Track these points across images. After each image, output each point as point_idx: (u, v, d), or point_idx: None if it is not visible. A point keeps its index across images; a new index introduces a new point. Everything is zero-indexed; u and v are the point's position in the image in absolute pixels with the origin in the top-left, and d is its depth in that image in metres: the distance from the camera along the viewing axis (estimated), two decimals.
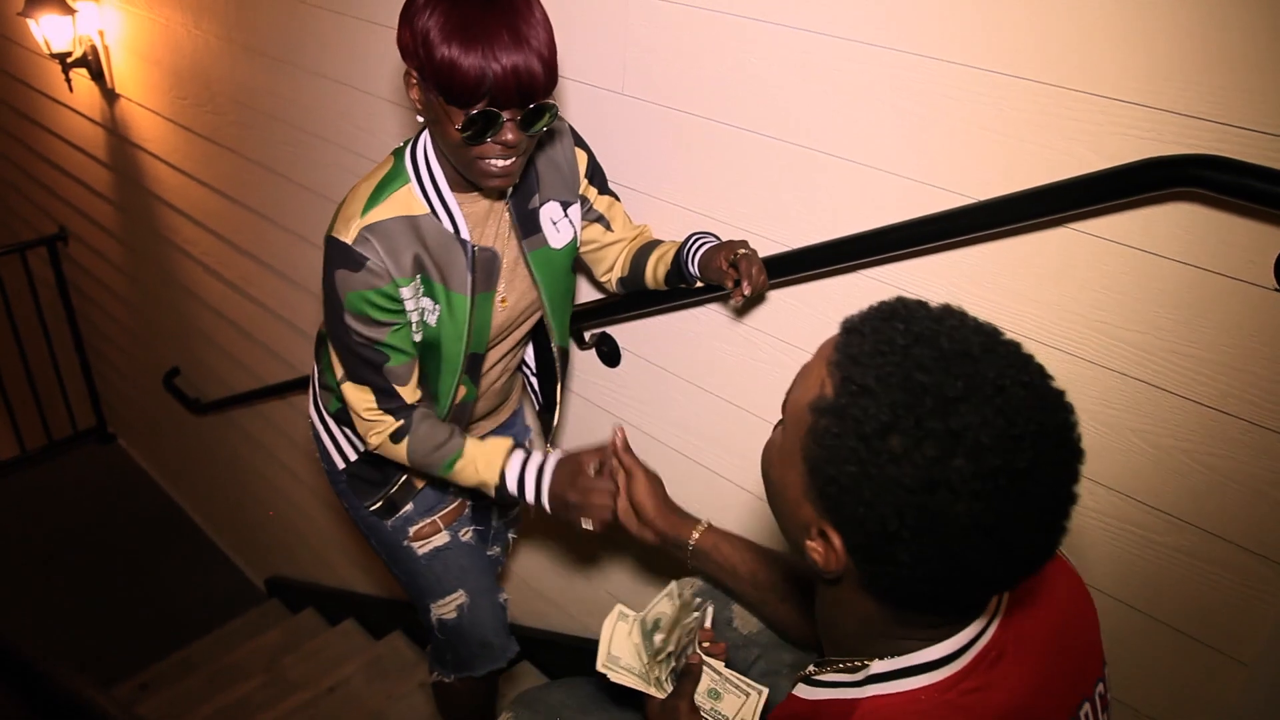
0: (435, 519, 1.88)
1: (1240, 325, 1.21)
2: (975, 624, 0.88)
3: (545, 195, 1.63)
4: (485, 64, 1.28)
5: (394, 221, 1.47)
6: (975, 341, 0.77)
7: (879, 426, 0.74)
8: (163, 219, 3.83)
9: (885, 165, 1.48)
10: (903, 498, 0.73)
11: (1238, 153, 1.13)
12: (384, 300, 1.47)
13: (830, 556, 0.83)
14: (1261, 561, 1.29)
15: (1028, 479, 0.72)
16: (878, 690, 0.88)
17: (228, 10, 2.86)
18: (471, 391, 1.71)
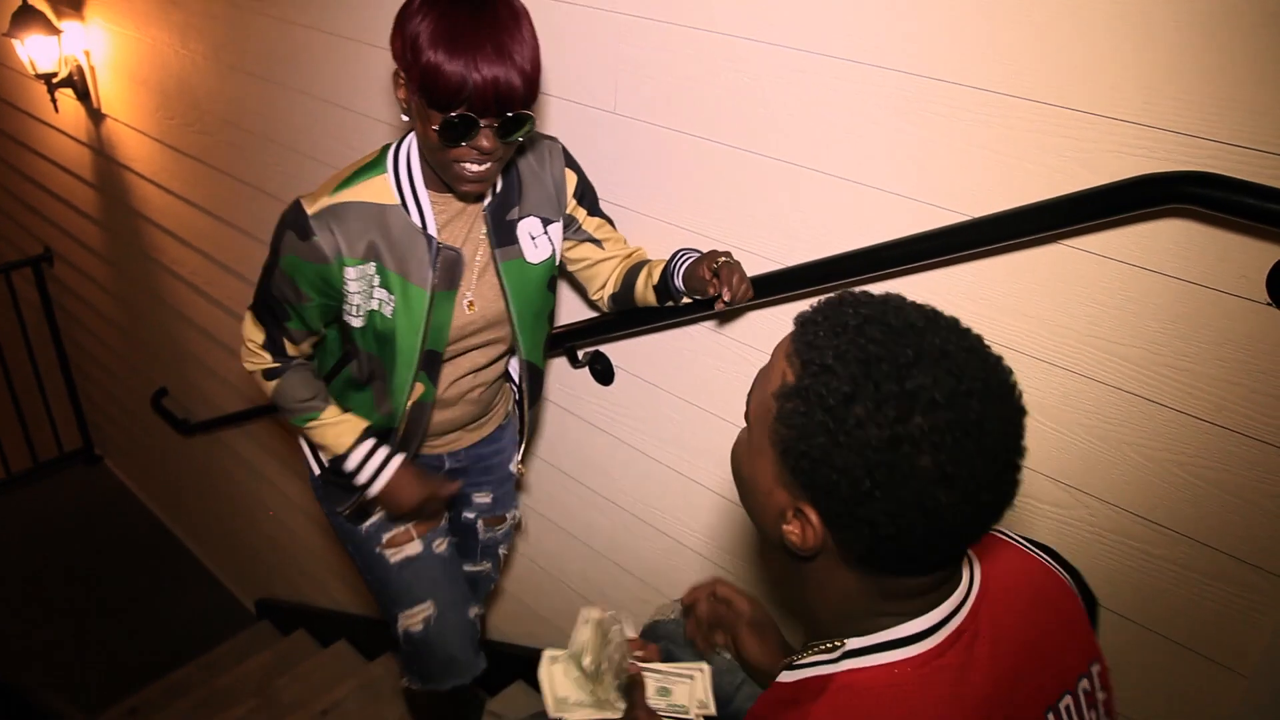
0: (409, 527, 1.89)
1: (1234, 339, 1.22)
2: (949, 602, 0.92)
3: (526, 209, 1.66)
4: (466, 72, 1.34)
5: (359, 205, 1.53)
6: (918, 316, 0.85)
7: (842, 397, 0.80)
8: (149, 239, 3.82)
9: (879, 183, 1.48)
10: (871, 457, 0.79)
11: (1230, 169, 1.14)
12: (314, 278, 1.55)
13: (808, 533, 0.87)
14: (1258, 573, 1.29)
15: (979, 429, 0.79)
16: (852, 664, 0.91)
17: (216, 30, 2.86)
18: (429, 391, 1.71)
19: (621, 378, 2.06)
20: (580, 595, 2.47)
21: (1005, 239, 1.32)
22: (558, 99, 1.91)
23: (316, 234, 1.51)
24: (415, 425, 1.74)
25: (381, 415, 1.73)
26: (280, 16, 2.56)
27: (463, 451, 1.96)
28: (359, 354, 1.68)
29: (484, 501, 2.08)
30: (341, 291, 1.57)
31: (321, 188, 1.56)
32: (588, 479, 2.27)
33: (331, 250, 1.52)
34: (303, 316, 1.63)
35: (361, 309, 1.59)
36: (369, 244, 1.54)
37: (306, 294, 1.58)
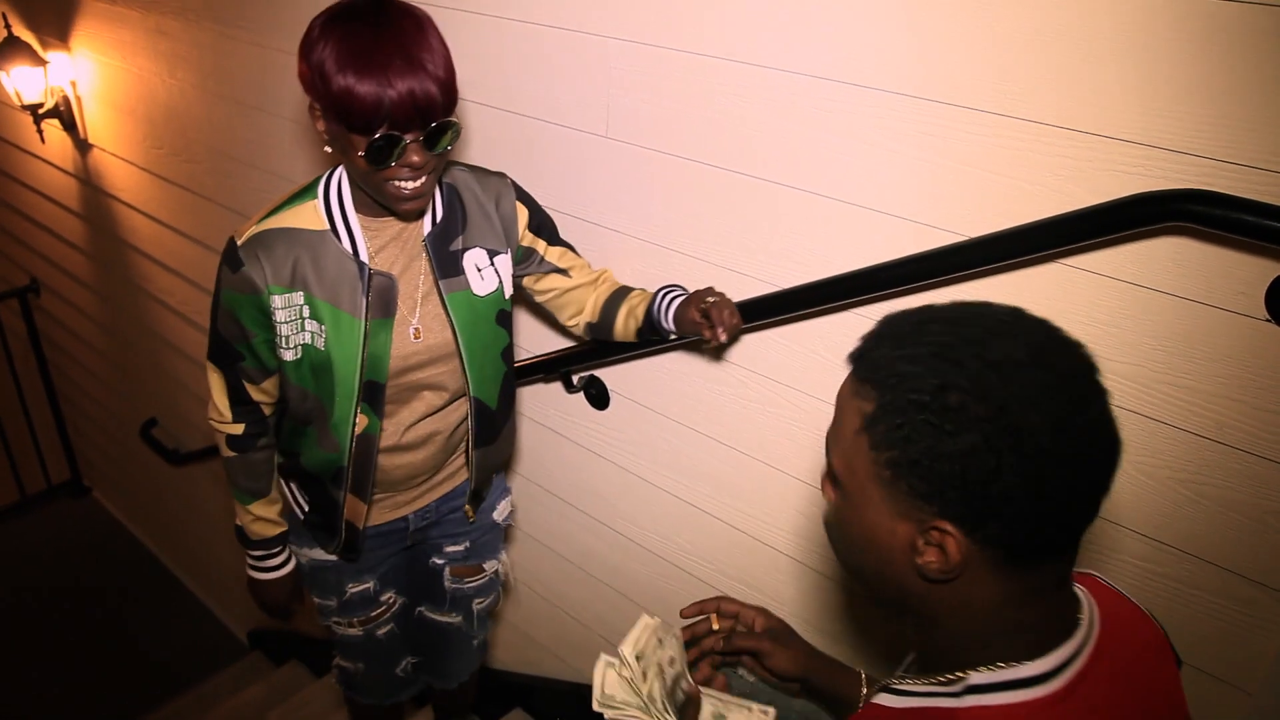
0: (354, 620, 1.97)
1: (1233, 356, 1.22)
2: (1072, 642, 0.88)
3: (470, 240, 1.63)
4: (381, 90, 1.30)
5: (285, 231, 1.51)
6: (964, 306, 0.87)
7: (933, 390, 0.80)
8: (137, 268, 3.80)
9: (874, 204, 1.48)
10: (987, 429, 0.78)
11: (1227, 187, 1.15)
12: (252, 309, 1.53)
13: (950, 547, 0.83)
14: (1263, 590, 1.29)
15: (1071, 379, 0.80)
16: (978, 701, 0.87)
17: (203, 59, 2.85)
18: (374, 424, 1.64)
19: (617, 402, 2.05)
20: (579, 622, 2.45)
21: (1003, 259, 1.32)
22: (549, 124, 1.91)
23: (245, 264, 1.49)
24: (365, 460, 1.67)
25: (327, 452, 1.66)
26: (267, 44, 2.56)
27: (431, 507, 1.88)
28: (291, 392, 1.63)
29: (455, 550, 1.98)
30: (272, 322, 1.53)
31: (251, 219, 1.54)
32: (584, 504, 2.26)
33: (260, 279, 1.49)
34: (255, 353, 1.59)
35: (292, 341, 1.55)
36: (295, 272, 1.51)
37: (250, 329, 1.55)
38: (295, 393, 1.61)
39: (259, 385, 1.65)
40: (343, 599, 1.91)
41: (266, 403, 1.69)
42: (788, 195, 1.58)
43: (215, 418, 1.71)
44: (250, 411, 1.68)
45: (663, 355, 1.89)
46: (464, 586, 2.02)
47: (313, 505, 1.79)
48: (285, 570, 1.89)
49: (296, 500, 1.82)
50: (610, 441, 2.11)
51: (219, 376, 1.66)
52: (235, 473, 1.76)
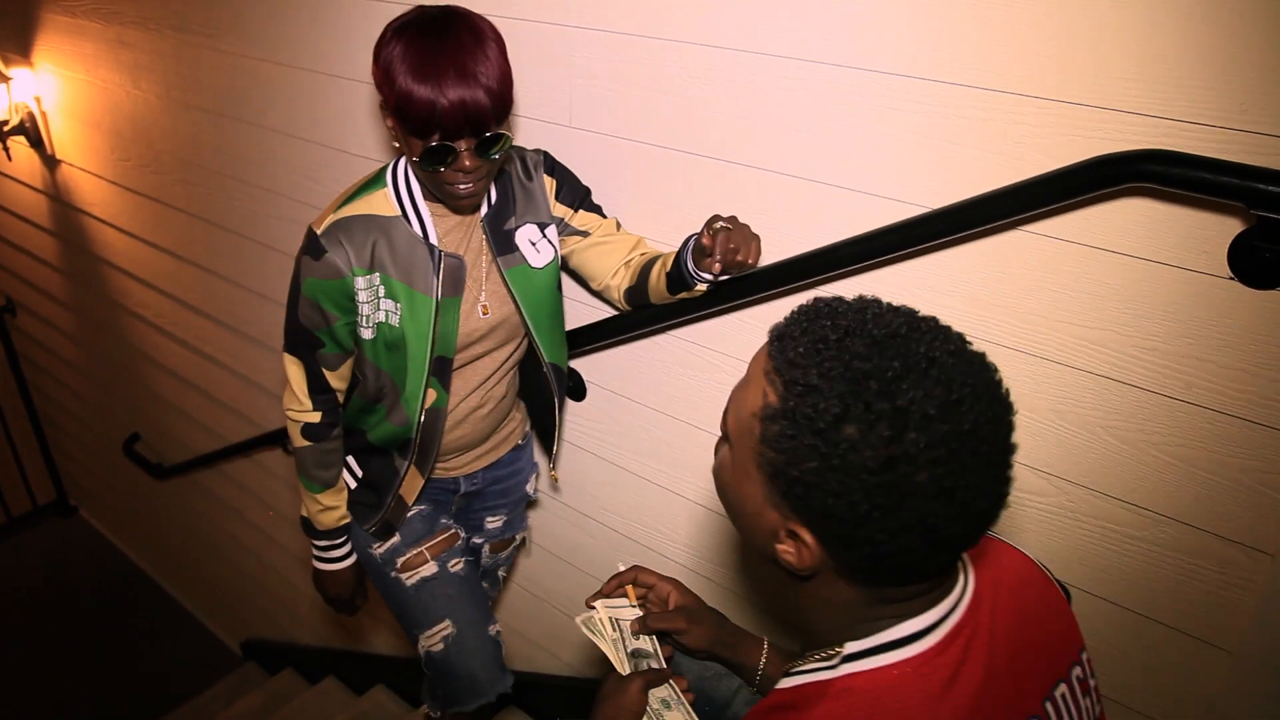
0: (423, 549, 1.90)
1: (1199, 315, 1.22)
2: (947, 601, 0.91)
3: (521, 219, 1.72)
4: (435, 98, 1.40)
5: (362, 218, 1.60)
6: (899, 322, 0.82)
7: (832, 419, 0.78)
8: (113, 283, 3.77)
9: (837, 180, 1.48)
10: (868, 480, 0.77)
11: (1186, 147, 1.15)
12: (336, 294, 1.61)
13: (804, 553, 0.86)
14: (1238, 548, 1.29)
15: (974, 437, 0.77)
16: (851, 669, 0.89)
17: (166, 69, 2.83)
18: (442, 397, 1.73)
19: (594, 392, 2.05)
20: (568, 617, 2.44)
21: (966, 228, 1.32)
22: (515, 116, 1.90)
23: (329, 250, 1.58)
24: (431, 432, 1.77)
25: (396, 426, 1.76)
26: (230, 50, 2.54)
27: (479, 474, 1.97)
28: (366, 370, 1.72)
29: (495, 526, 2.08)
30: (355, 304, 1.62)
31: (327, 209, 1.63)
32: (567, 498, 2.25)
33: (345, 263, 1.59)
34: (335, 337, 1.68)
35: (370, 319, 1.65)
36: (373, 254, 1.60)
37: (333, 313, 1.64)
38: (370, 370, 1.71)
39: (336, 371, 1.73)
40: (403, 526, 1.91)
41: (341, 390, 1.78)
42: (751, 176, 1.58)
43: (295, 407, 1.76)
44: (328, 400, 1.76)
45: (636, 343, 1.89)
46: (499, 558, 2.17)
47: (367, 478, 1.87)
48: (349, 561, 1.93)
49: (351, 471, 1.89)
50: (589, 432, 2.11)
51: (298, 367, 1.72)
52: (308, 463, 1.81)
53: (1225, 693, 1.37)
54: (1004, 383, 0.83)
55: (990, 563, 1.00)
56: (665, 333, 1.83)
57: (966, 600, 0.93)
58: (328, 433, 1.78)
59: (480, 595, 1.98)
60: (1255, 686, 1.33)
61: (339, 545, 1.91)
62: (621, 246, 1.77)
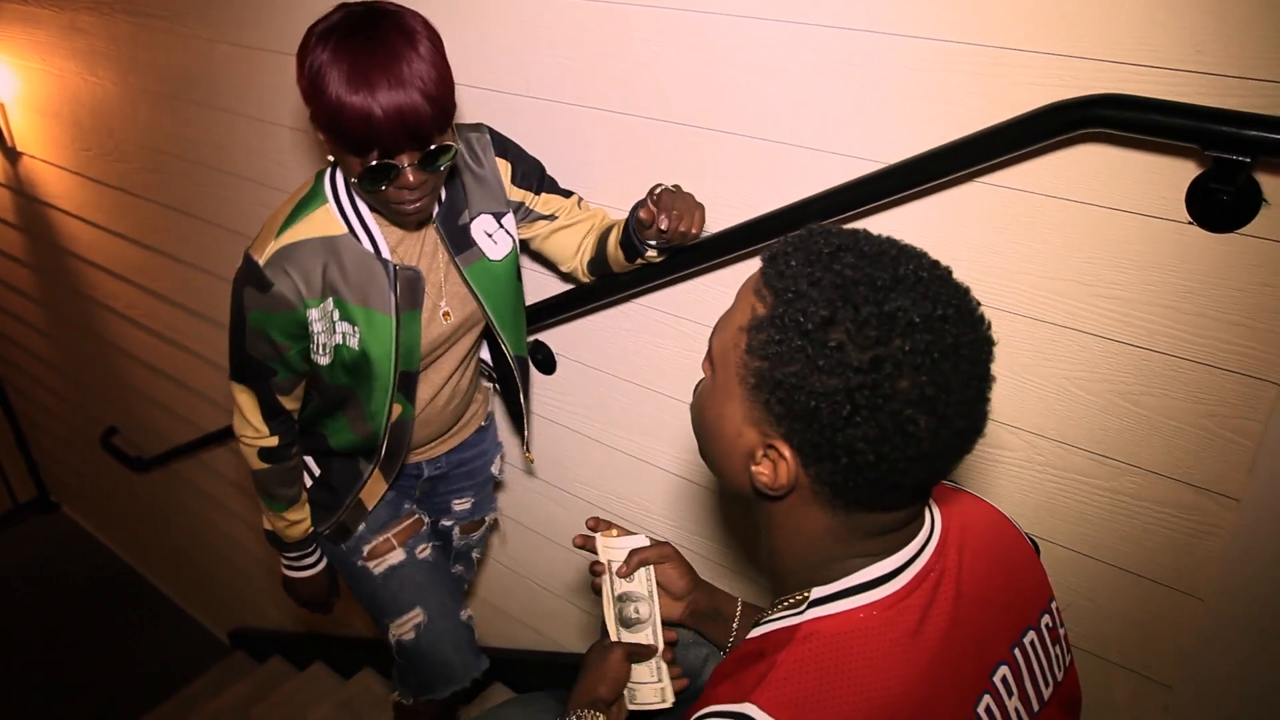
0: (389, 536, 1.86)
1: (1159, 262, 1.21)
2: (914, 543, 0.91)
3: (475, 210, 1.63)
4: (368, 107, 1.29)
5: (309, 242, 1.49)
6: (889, 244, 0.85)
7: (821, 320, 0.79)
8: (81, 276, 3.73)
9: (795, 140, 1.46)
10: (852, 380, 0.78)
11: (1140, 90, 1.13)
12: (288, 325, 1.52)
13: (781, 468, 0.86)
14: (1206, 495, 1.29)
15: (955, 354, 0.79)
16: (817, 613, 0.89)
17: (121, 54, 2.78)
18: (408, 410, 1.69)
19: (564, 365, 2.03)
20: (549, 592, 2.44)
21: (922, 183, 1.31)
22: (470, 88, 1.87)
23: (275, 283, 1.47)
24: (398, 443, 1.73)
25: (359, 437, 1.70)
26: (185, 32, 2.50)
27: (442, 458, 1.94)
28: (325, 387, 1.64)
29: (463, 508, 2.06)
30: (309, 333, 1.54)
31: (264, 233, 1.51)
32: (543, 472, 2.24)
33: (295, 295, 1.48)
34: (288, 364, 1.58)
35: (327, 346, 1.56)
36: (325, 280, 1.50)
37: (284, 343, 1.54)
38: (330, 391, 1.64)
39: (290, 394, 1.65)
40: (369, 515, 1.85)
41: (295, 409, 1.71)
42: (709, 139, 1.56)
43: (249, 435, 1.68)
44: (283, 422, 1.69)
45: (602, 313, 1.87)
46: (470, 540, 2.14)
47: (325, 478, 1.81)
48: (321, 565, 1.91)
49: (308, 469, 1.83)
50: (562, 406, 2.10)
51: (250, 396, 1.63)
52: (269, 483, 1.74)
53: (1198, 639, 1.37)
54: (986, 316, 0.85)
55: (958, 511, 1.00)
56: (630, 301, 1.81)
57: (933, 544, 0.93)
58: (287, 453, 1.72)
59: (450, 580, 1.97)
60: (1227, 632, 1.33)
61: (309, 554, 1.88)
62: (584, 224, 1.73)
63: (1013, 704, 0.93)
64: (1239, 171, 1.07)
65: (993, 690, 0.91)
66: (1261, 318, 1.17)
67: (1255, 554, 1.27)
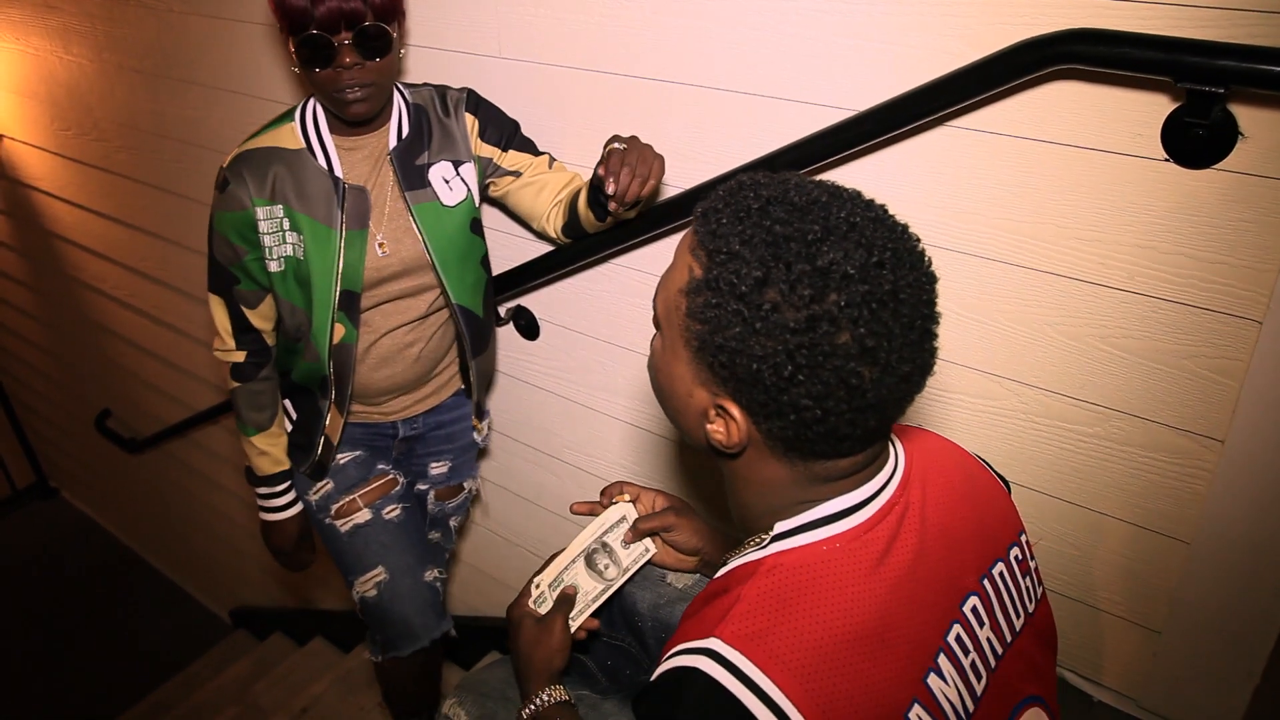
0: (355, 497, 1.90)
1: (1136, 201, 1.19)
2: (878, 479, 0.91)
3: (436, 155, 1.70)
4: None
5: (265, 150, 1.63)
6: (820, 191, 0.83)
7: (754, 282, 0.78)
8: (67, 258, 3.71)
9: (764, 90, 1.44)
10: (790, 341, 0.77)
11: (1110, 24, 1.11)
12: (241, 225, 1.63)
13: (732, 428, 0.86)
14: (1189, 437, 1.28)
15: (894, 299, 0.78)
16: (781, 546, 0.89)
17: (95, 30, 2.75)
18: (351, 333, 1.72)
19: (547, 329, 2.02)
20: (540, 558, 2.43)
21: (894, 129, 1.29)
22: (441, 50, 1.85)
23: (231, 183, 1.61)
24: (343, 369, 1.75)
25: (310, 362, 1.75)
26: (158, 6, 2.47)
27: (419, 419, 1.95)
28: (283, 307, 1.71)
29: (440, 471, 2.05)
30: (258, 235, 1.63)
31: (238, 146, 1.65)
32: (530, 439, 2.23)
33: (245, 195, 1.60)
34: (248, 272, 1.68)
35: (275, 252, 1.65)
36: (275, 186, 1.61)
37: (241, 247, 1.65)
38: (285, 308, 1.71)
39: (256, 310, 1.74)
40: (337, 472, 1.90)
41: (267, 330, 1.78)
42: (679, 92, 1.54)
43: (219, 347, 1.79)
44: (253, 340, 1.77)
45: (582, 274, 1.86)
46: (446, 506, 2.12)
47: (299, 420, 1.87)
48: (291, 511, 1.93)
49: (288, 414, 1.89)
50: (546, 371, 2.08)
51: (220, 304, 1.74)
52: (239, 403, 1.83)
53: (1185, 584, 1.36)
54: (926, 252, 0.84)
55: (920, 448, 1.00)
56: (609, 261, 1.79)
57: (897, 479, 0.93)
58: (254, 373, 1.80)
59: (418, 541, 1.98)
60: (1213, 575, 1.33)
61: (279, 494, 1.90)
62: (554, 184, 1.73)
63: (984, 634, 0.93)
64: (1214, 104, 1.05)
65: (963, 620, 0.91)
66: (1241, 254, 1.15)
67: (1240, 494, 1.26)
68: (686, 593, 1.37)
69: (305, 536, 1.99)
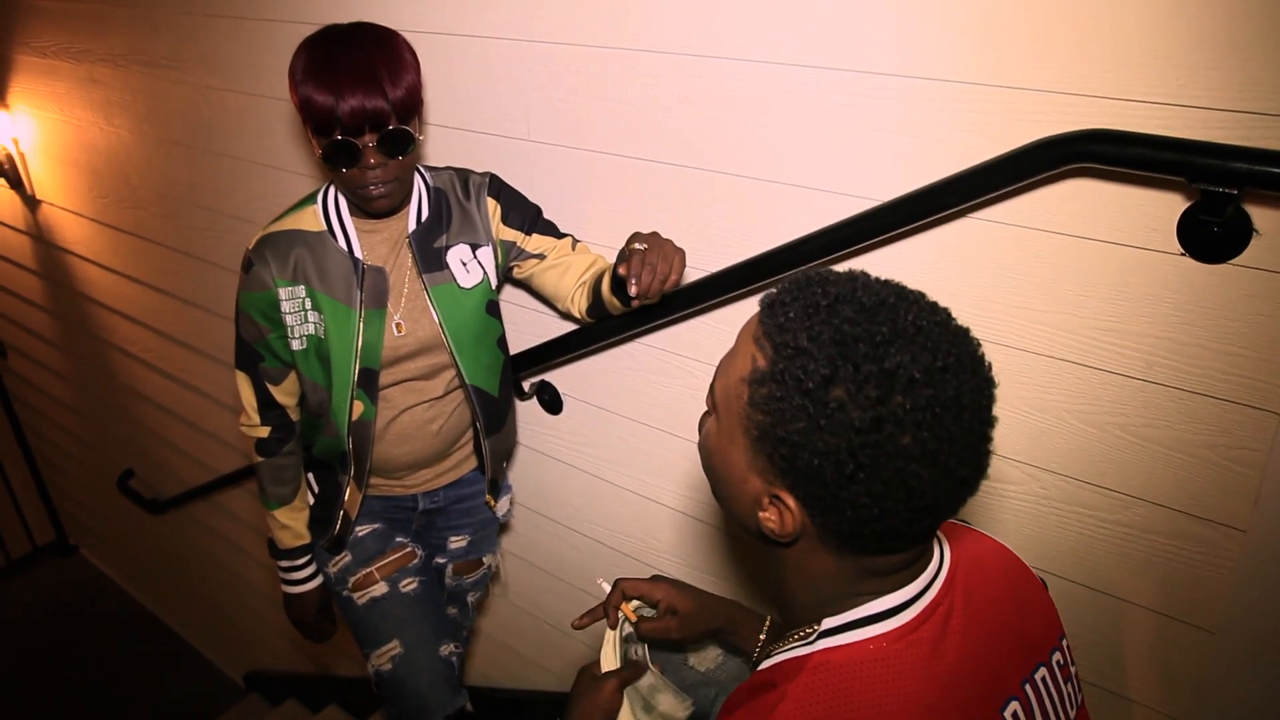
0: (372, 570, 1.92)
1: (1153, 293, 1.21)
2: (923, 577, 0.91)
3: (454, 238, 1.74)
4: (334, 101, 1.47)
5: (288, 233, 1.68)
6: (888, 292, 0.84)
7: (821, 379, 0.78)
8: (98, 320, 3.78)
9: (789, 179, 1.48)
10: (854, 439, 0.77)
11: (1126, 124, 1.14)
12: (264, 305, 1.69)
13: (786, 519, 0.86)
14: (1211, 526, 1.28)
15: (957, 404, 0.79)
16: (829, 643, 0.89)
17: (137, 104, 2.84)
18: (369, 410, 1.75)
19: (570, 405, 2.04)
20: (560, 632, 2.43)
21: (917, 219, 1.32)
22: (470, 132, 1.90)
23: (255, 264, 1.66)
24: (362, 445, 1.79)
25: (329, 438, 1.78)
26: (197, 82, 2.55)
27: (440, 492, 1.97)
28: (305, 385, 1.76)
29: (459, 545, 2.06)
30: (280, 314, 1.68)
31: (262, 229, 1.71)
32: (551, 512, 2.24)
33: (268, 276, 1.65)
34: (272, 350, 1.73)
35: (298, 331, 1.70)
36: (297, 267, 1.66)
37: (264, 325, 1.70)
38: (308, 385, 1.76)
39: (279, 386, 1.79)
40: (355, 545, 1.93)
41: (290, 406, 1.83)
42: (706, 179, 1.58)
43: (245, 422, 1.83)
44: (276, 416, 1.82)
45: (607, 352, 1.88)
46: (463, 582, 2.12)
47: (320, 494, 1.91)
48: (311, 584, 1.95)
49: (310, 487, 1.93)
50: (569, 445, 2.10)
51: (246, 381, 1.79)
52: (263, 478, 1.86)
53: (1210, 672, 1.35)
54: (986, 357, 0.85)
55: (966, 546, 1.00)
56: (634, 340, 1.82)
57: (942, 578, 0.93)
58: (278, 448, 1.83)
59: (435, 615, 1.98)
60: (1238, 664, 1.32)
61: (300, 568, 1.92)
62: (578, 266, 1.77)
63: None
64: (1227, 203, 1.08)
65: None
66: (1259, 347, 1.17)
67: (1264, 584, 1.25)
68: (709, 676, 1.37)
69: (326, 608, 2.01)
